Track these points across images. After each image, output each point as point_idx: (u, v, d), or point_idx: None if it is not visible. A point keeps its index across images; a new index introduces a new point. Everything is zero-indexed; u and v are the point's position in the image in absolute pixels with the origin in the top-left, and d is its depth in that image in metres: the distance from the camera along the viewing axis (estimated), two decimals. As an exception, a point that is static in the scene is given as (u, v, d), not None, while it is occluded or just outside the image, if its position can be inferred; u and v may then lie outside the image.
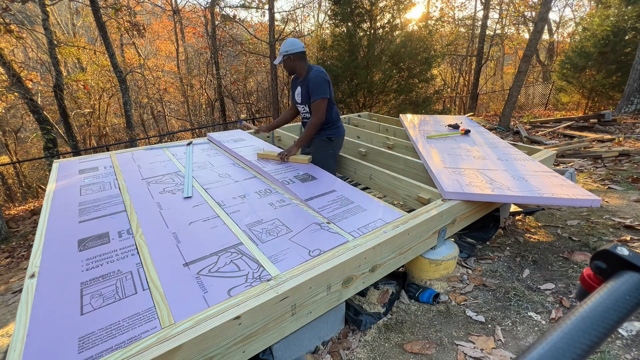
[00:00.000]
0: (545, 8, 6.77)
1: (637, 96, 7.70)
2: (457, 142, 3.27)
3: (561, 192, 2.04)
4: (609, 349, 1.42)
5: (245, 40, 13.02)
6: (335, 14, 7.25)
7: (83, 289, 1.31)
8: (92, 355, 1.02)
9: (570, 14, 35.79)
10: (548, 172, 2.43)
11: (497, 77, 19.22)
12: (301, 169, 2.54)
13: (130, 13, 7.87)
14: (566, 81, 10.71)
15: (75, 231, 1.72)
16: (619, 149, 4.54)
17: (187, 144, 3.26)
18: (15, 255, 4.78)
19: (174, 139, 11.55)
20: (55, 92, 7.56)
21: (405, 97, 7.67)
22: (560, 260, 2.11)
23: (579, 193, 2.03)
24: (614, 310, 0.34)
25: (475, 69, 12.44)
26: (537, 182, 2.21)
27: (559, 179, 2.29)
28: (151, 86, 12.92)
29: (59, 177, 2.45)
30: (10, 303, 2.93)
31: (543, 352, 0.30)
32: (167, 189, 2.23)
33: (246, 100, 13.62)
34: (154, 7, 14.15)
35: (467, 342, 1.54)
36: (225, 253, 1.52)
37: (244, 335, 1.17)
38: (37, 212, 6.75)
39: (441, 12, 14.93)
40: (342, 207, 1.96)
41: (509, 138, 6.78)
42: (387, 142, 3.59)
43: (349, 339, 1.62)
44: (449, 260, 2.00)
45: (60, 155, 7.60)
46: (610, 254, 0.40)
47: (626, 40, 9.13)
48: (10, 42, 8.49)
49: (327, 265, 1.40)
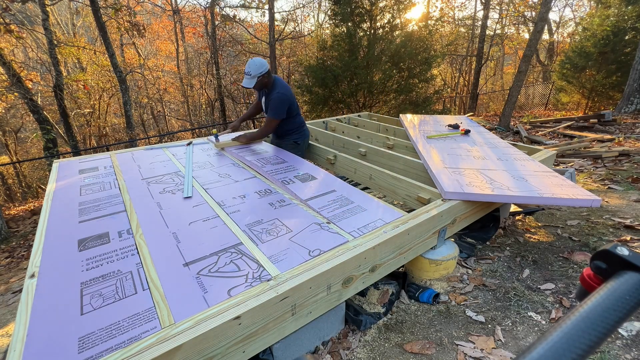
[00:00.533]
0: (545, 8, 6.77)
1: (637, 96, 7.70)
2: (457, 142, 3.27)
3: (561, 192, 2.04)
4: (609, 349, 1.42)
5: (245, 40, 13.03)
6: (335, 14, 7.25)
7: (83, 289, 1.31)
8: (92, 355, 1.02)
9: (570, 14, 35.83)
10: (548, 172, 2.43)
11: (497, 77, 19.22)
12: (301, 169, 2.54)
13: (130, 13, 7.87)
14: (566, 81, 10.72)
15: (75, 231, 1.72)
16: (619, 149, 4.54)
17: (187, 144, 3.26)
18: (15, 255, 4.78)
19: (174, 139, 11.55)
20: (55, 92, 7.56)
21: (405, 97, 7.66)
22: (560, 260, 2.11)
23: (578, 193, 2.03)
24: (614, 310, 0.34)
25: (475, 69, 12.45)
26: (537, 182, 2.21)
27: (558, 179, 2.29)
28: (151, 86, 12.93)
29: (59, 177, 2.45)
30: (10, 303, 2.93)
31: (543, 352, 0.30)
32: (167, 189, 2.23)
33: (246, 100, 13.63)
34: (154, 7, 14.16)
35: (467, 342, 1.54)
36: (225, 253, 1.52)
37: (244, 335, 1.17)
38: (37, 212, 6.75)
39: (441, 12, 14.94)
40: (342, 207, 1.96)
41: (509, 138, 6.78)
42: (387, 142, 3.58)
43: (349, 339, 1.62)
44: (449, 260, 2.00)
45: (60, 155, 7.61)
46: (610, 254, 0.40)
47: (626, 40, 9.14)
48: (10, 42, 8.49)
49: (327, 265, 1.40)
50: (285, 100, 2.83)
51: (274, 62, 10.10)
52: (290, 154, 2.94)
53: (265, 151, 3.02)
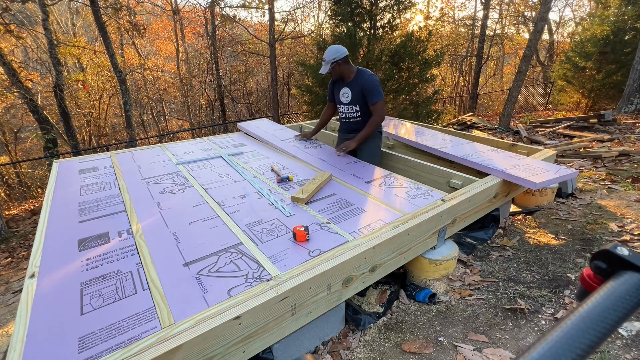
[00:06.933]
0: (545, 8, 6.77)
1: (637, 96, 7.70)
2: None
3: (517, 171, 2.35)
4: (609, 349, 1.42)
5: (245, 40, 13.02)
6: (335, 14, 7.24)
7: (83, 289, 1.31)
8: (92, 355, 1.02)
9: (570, 14, 35.81)
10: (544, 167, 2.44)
11: (497, 77, 19.22)
12: (301, 174, 2.53)
13: (130, 13, 7.87)
14: (566, 81, 10.71)
15: (75, 231, 1.72)
16: (618, 149, 4.54)
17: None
18: (15, 255, 4.78)
19: (174, 139, 11.54)
20: (55, 92, 7.56)
21: (405, 97, 7.66)
22: (560, 260, 2.11)
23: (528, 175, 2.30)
24: (614, 310, 0.34)
25: (475, 69, 12.44)
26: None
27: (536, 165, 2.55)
28: (151, 86, 12.92)
29: (59, 177, 2.45)
30: (10, 303, 2.93)
31: (543, 352, 0.30)
32: (167, 189, 2.23)
33: (246, 100, 13.63)
34: (153, 7, 14.15)
35: (467, 342, 1.54)
36: (225, 253, 1.52)
37: (244, 335, 1.17)
38: (37, 212, 6.75)
39: (441, 12, 14.93)
40: (342, 209, 1.96)
41: (509, 138, 6.78)
42: (387, 142, 3.58)
43: (349, 338, 1.62)
44: (449, 260, 2.00)
45: (60, 155, 7.60)
46: (610, 254, 0.40)
47: (626, 40, 9.13)
48: (10, 42, 8.49)
49: (327, 265, 1.40)
50: (378, 80, 2.63)
51: (274, 62, 10.09)
52: (294, 162, 2.80)
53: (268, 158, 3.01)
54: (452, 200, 2.00)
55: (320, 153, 2.94)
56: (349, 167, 2.62)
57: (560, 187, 3.05)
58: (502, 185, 2.38)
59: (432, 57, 7.28)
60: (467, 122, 8.16)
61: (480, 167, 2.56)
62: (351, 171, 2.53)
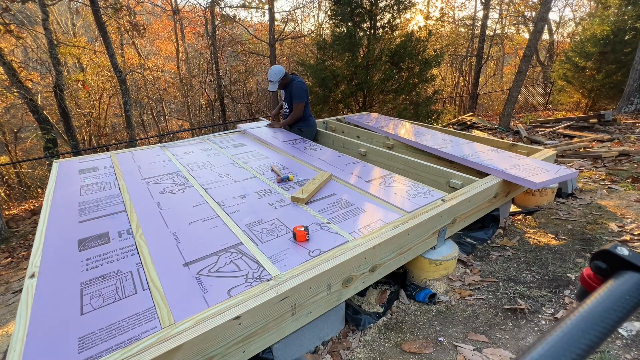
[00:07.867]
0: (545, 8, 6.77)
1: (637, 96, 7.70)
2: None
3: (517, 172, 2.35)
4: (609, 349, 1.42)
5: (245, 40, 13.01)
6: (335, 14, 7.24)
7: (83, 289, 1.31)
8: (92, 355, 1.02)
9: (570, 14, 35.81)
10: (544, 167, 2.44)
11: (497, 77, 19.21)
12: (301, 174, 2.53)
13: (130, 13, 7.87)
14: (566, 81, 10.70)
15: (75, 231, 1.72)
16: (618, 149, 4.54)
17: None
18: (15, 255, 4.77)
19: (174, 139, 11.53)
20: (55, 92, 7.55)
21: (405, 97, 7.65)
22: (560, 260, 2.11)
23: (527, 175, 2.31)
24: (614, 310, 0.34)
25: (475, 69, 12.44)
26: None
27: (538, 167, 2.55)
28: (151, 86, 12.92)
29: (59, 177, 2.45)
30: (10, 303, 2.93)
31: (543, 352, 0.30)
32: (167, 189, 2.23)
33: (246, 100, 13.62)
34: (154, 7, 14.15)
35: (467, 342, 1.54)
36: (225, 253, 1.52)
37: (244, 335, 1.17)
38: (37, 212, 6.74)
39: (441, 12, 14.93)
40: (342, 209, 1.96)
41: (509, 138, 6.78)
42: (387, 142, 3.59)
43: (349, 338, 1.62)
44: (449, 260, 2.00)
45: (60, 155, 7.60)
46: (610, 254, 0.40)
47: (626, 40, 9.12)
48: (10, 42, 8.48)
49: (327, 265, 1.40)
50: (304, 88, 3.57)
51: (274, 62, 10.09)
52: (294, 162, 2.88)
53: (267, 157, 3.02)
54: (452, 200, 2.00)
55: (320, 153, 2.95)
56: (349, 167, 2.62)
57: (560, 187, 3.05)
58: (502, 185, 2.38)
59: (432, 57, 7.28)
60: (467, 122, 8.16)
61: (480, 167, 2.56)
62: (351, 171, 2.53)
